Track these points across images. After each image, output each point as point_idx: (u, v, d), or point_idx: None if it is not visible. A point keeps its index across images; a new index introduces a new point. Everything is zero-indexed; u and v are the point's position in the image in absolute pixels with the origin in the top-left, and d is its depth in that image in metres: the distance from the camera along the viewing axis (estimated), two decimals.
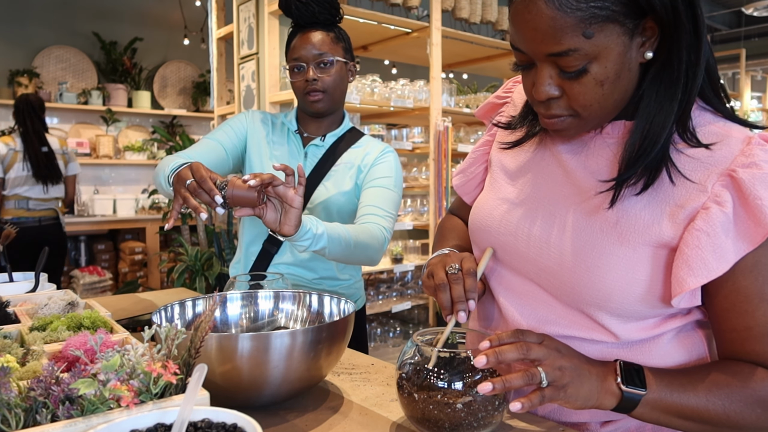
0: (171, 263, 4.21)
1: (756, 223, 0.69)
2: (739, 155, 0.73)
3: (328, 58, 1.48)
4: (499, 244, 0.90)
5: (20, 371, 0.79)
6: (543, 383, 0.70)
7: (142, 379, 0.68)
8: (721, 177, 0.72)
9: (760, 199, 0.69)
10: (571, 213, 0.82)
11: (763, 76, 9.76)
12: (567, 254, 0.80)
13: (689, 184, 0.74)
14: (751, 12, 6.64)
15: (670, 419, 0.74)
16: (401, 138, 3.71)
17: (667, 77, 0.73)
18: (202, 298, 1.06)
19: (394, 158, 1.58)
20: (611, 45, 0.70)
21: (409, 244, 3.79)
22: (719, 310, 0.75)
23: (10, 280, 1.45)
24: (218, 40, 3.76)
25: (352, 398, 0.95)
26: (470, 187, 1.06)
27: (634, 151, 0.76)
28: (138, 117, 5.93)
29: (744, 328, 0.73)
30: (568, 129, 0.79)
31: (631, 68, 0.73)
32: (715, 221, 0.71)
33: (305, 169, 1.54)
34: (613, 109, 0.77)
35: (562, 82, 0.74)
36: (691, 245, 0.71)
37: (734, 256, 0.71)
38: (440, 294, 0.86)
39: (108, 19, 5.70)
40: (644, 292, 0.75)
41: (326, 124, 1.59)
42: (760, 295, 0.72)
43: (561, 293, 0.82)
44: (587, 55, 0.70)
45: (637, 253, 0.75)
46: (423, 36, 3.38)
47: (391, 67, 7.03)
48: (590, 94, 0.73)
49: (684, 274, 0.71)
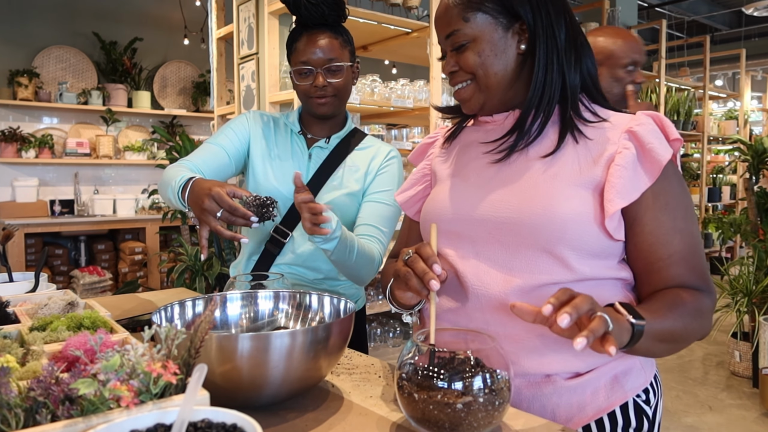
0: (171, 263, 4.21)
1: (652, 161, 0.93)
2: (630, 121, 0.97)
3: (338, 63, 1.47)
4: (456, 219, 1.03)
5: (20, 371, 0.79)
6: (610, 327, 0.76)
7: (142, 379, 0.68)
8: (623, 134, 0.96)
9: (652, 143, 0.93)
10: (512, 176, 1.00)
11: (763, 76, 9.76)
12: (523, 204, 0.95)
13: (601, 141, 0.97)
14: (751, 12, 6.64)
15: (655, 345, 0.88)
16: (401, 138, 3.71)
17: (538, 64, 0.98)
18: (202, 298, 1.06)
19: (398, 164, 1.58)
20: (485, 30, 0.99)
21: None
22: (646, 245, 0.95)
23: (10, 280, 1.45)
24: (218, 40, 3.76)
25: (352, 398, 0.95)
26: (412, 202, 1.20)
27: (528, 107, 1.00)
28: (138, 117, 5.93)
29: (667, 256, 0.94)
30: (471, 95, 1.03)
31: (507, 53, 0.99)
32: (628, 159, 0.93)
33: (310, 171, 1.54)
34: (497, 83, 1.00)
35: (456, 57, 1.02)
36: (616, 176, 0.92)
37: (642, 186, 0.93)
38: (410, 281, 0.90)
39: (108, 19, 5.69)
40: (591, 220, 0.92)
41: (330, 126, 1.59)
42: (673, 228, 0.94)
43: (522, 239, 0.95)
44: (466, 35, 0.99)
45: (580, 190, 0.94)
46: (423, 36, 3.38)
47: (391, 67, 7.03)
48: (471, 61, 1.00)
49: (613, 196, 0.91)
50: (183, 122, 6.16)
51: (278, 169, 1.54)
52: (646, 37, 9.27)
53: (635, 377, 1.00)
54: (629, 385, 0.99)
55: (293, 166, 1.54)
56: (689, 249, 0.95)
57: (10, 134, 4.96)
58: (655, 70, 5.93)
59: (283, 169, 1.54)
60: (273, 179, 1.53)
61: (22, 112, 5.28)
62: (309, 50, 1.46)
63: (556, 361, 0.95)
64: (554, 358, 0.95)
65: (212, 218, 1.14)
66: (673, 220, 0.94)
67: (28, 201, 5.08)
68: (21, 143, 5.00)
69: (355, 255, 1.34)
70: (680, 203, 0.96)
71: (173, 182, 1.29)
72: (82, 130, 5.55)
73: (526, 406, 0.97)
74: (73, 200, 5.33)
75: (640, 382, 1.01)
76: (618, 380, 0.98)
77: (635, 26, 6.46)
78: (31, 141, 5.06)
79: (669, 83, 6.22)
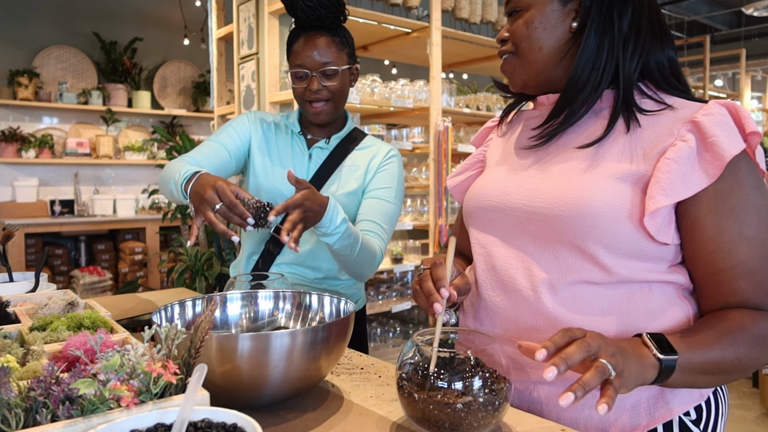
0: (171, 263, 4.21)
1: (714, 157, 0.82)
2: (699, 110, 0.87)
3: (333, 67, 1.45)
4: (494, 207, 0.99)
5: (20, 371, 0.79)
6: (612, 375, 0.70)
7: (142, 379, 0.68)
8: (686, 124, 0.86)
9: (717, 136, 0.82)
10: (553, 165, 0.95)
11: (763, 76, 9.76)
12: (555, 194, 0.90)
13: (658, 130, 0.88)
14: (751, 12, 6.64)
15: (695, 378, 0.80)
16: (401, 138, 3.71)
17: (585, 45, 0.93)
18: (202, 298, 1.06)
19: (398, 162, 1.58)
20: (540, 2, 0.95)
21: (409, 244, 3.79)
22: (706, 253, 0.85)
23: (10, 280, 1.45)
24: (218, 40, 3.76)
25: (352, 398, 0.95)
26: (463, 187, 1.16)
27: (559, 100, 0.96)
28: (138, 117, 5.93)
29: (729, 267, 0.83)
30: (512, 72, 1.01)
31: (557, 28, 0.95)
32: (683, 153, 0.83)
33: (310, 171, 1.54)
34: (541, 59, 0.96)
35: (509, 27, 1.00)
36: (663, 171, 0.83)
37: (698, 185, 0.83)
38: (418, 299, 0.90)
39: (108, 19, 5.69)
40: (626, 216, 0.84)
41: (330, 127, 1.59)
42: (739, 235, 0.83)
43: (552, 231, 0.90)
44: (520, 3, 0.97)
45: (619, 184, 0.86)
46: (423, 36, 3.38)
47: (391, 67, 7.02)
48: (519, 32, 0.97)
49: (656, 193, 0.83)
50: (183, 122, 6.15)
51: (279, 169, 1.54)
52: None
53: (686, 393, 0.90)
54: (676, 402, 0.89)
55: (294, 167, 1.55)
56: (757, 261, 0.83)
57: (10, 134, 4.96)
58: None
59: (284, 170, 1.54)
60: (273, 180, 1.53)
61: (22, 112, 5.28)
62: (305, 53, 1.45)
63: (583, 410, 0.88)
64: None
65: (209, 210, 1.14)
66: (739, 227, 0.83)
67: (28, 201, 5.08)
68: (21, 143, 5.00)
69: (357, 250, 1.34)
70: (751, 207, 0.83)
71: (177, 174, 1.29)
72: (82, 130, 5.55)
73: (555, 416, 0.91)
74: (73, 200, 5.33)
75: (691, 398, 0.90)
76: (664, 395, 0.89)
77: None
78: (31, 141, 5.06)
79: None
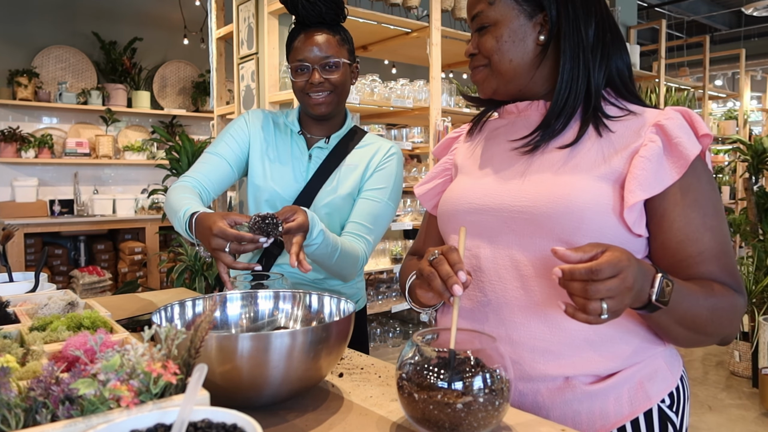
0: (171, 263, 4.21)
1: (679, 156, 0.91)
2: (659, 115, 0.96)
3: (334, 60, 1.46)
4: (474, 209, 1.02)
5: (20, 371, 0.79)
6: (603, 316, 0.76)
7: (142, 379, 0.68)
8: (651, 127, 0.94)
9: (680, 137, 0.91)
10: (530, 167, 1.00)
11: (763, 76, 9.75)
12: (541, 193, 0.94)
13: (627, 134, 0.96)
14: (751, 12, 6.64)
15: (670, 324, 0.88)
16: (401, 138, 3.71)
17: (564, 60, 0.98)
18: (202, 298, 1.06)
19: (397, 161, 1.57)
20: (507, 16, 0.99)
21: (408, 244, 3.79)
22: (674, 242, 0.92)
23: (10, 280, 1.45)
24: (218, 40, 3.75)
25: (352, 398, 0.95)
26: (431, 194, 1.20)
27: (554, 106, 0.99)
28: (138, 117, 5.93)
29: (697, 253, 0.91)
30: (484, 80, 1.05)
31: (526, 41, 1.00)
32: (653, 152, 0.91)
33: (309, 171, 1.53)
34: (511, 70, 1.01)
35: (477, 39, 1.03)
36: (639, 168, 0.90)
37: (667, 180, 0.91)
38: (433, 282, 0.88)
39: (108, 19, 5.69)
40: (610, 210, 0.90)
41: (329, 125, 1.58)
42: (704, 225, 0.92)
43: (538, 229, 0.93)
44: (488, 18, 1.00)
45: (599, 182, 0.92)
46: (423, 36, 3.38)
47: (390, 67, 7.02)
48: (489, 45, 1.01)
49: (634, 187, 0.89)
50: (183, 122, 6.15)
51: (278, 171, 1.54)
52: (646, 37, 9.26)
53: (661, 381, 0.96)
54: (654, 390, 0.95)
55: (294, 168, 1.54)
56: (720, 247, 0.92)
57: (9, 134, 4.96)
58: (655, 70, 5.93)
59: (283, 171, 1.53)
60: (271, 181, 1.53)
61: (22, 112, 5.28)
62: (306, 48, 1.45)
63: (575, 363, 0.92)
64: (573, 359, 0.92)
65: (224, 254, 1.17)
66: (702, 217, 0.92)
67: (27, 201, 5.07)
68: (21, 143, 5.00)
69: (336, 257, 1.35)
70: (710, 200, 0.93)
71: (179, 214, 1.31)
72: (82, 130, 5.55)
73: (545, 413, 0.94)
74: (72, 200, 5.33)
75: (665, 385, 0.97)
76: (642, 385, 0.94)
77: (635, 26, 6.47)
78: (30, 141, 5.05)
79: (669, 83, 6.22)
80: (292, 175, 1.54)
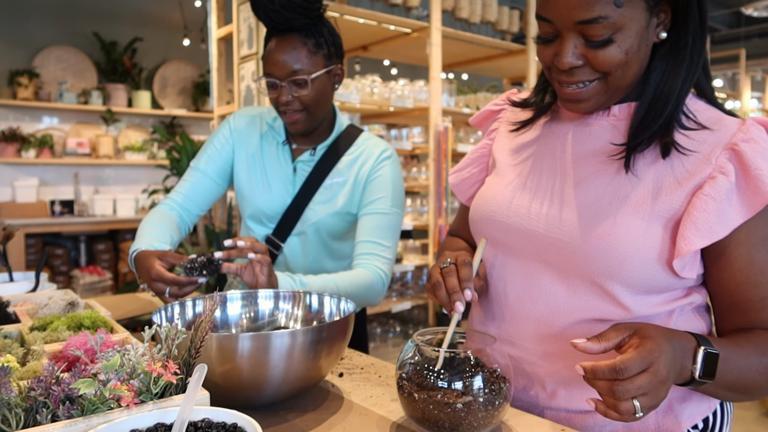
0: None
1: (756, 192, 0.76)
2: (737, 132, 0.79)
3: (303, 77, 1.32)
4: (505, 227, 0.92)
5: (20, 371, 0.79)
6: (638, 415, 0.67)
7: (142, 379, 0.68)
8: (724, 151, 0.79)
9: (760, 170, 0.76)
10: (577, 188, 0.86)
11: (763, 76, 9.75)
12: (578, 227, 0.83)
13: (694, 158, 0.80)
14: (750, 12, 6.64)
15: (716, 391, 0.78)
16: (401, 138, 3.71)
17: (674, 57, 0.82)
18: (202, 298, 1.07)
19: (391, 165, 1.46)
20: (636, 17, 0.77)
21: (408, 244, 3.79)
22: (733, 284, 0.80)
23: (10, 280, 1.45)
24: (218, 40, 3.75)
25: (352, 398, 0.95)
26: (466, 185, 1.08)
27: (642, 120, 0.83)
28: (138, 117, 5.93)
29: (759, 299, 0.79)
30: (591, 97, 0.83)
31: (648, 44, 0.80)
32: (721, 188, 0.77)
33: (295, 186, 1.46)
34: (630, 82, 0.82)
35: (586, 51, 0.80)
36: (699, 208, 0.77)
37: (735, 221, 0.77)
38: (438, 292, 0.85)
39: (108, 19, 5.69)
40: (655, 258, 0.79)
41: (314, 136, 1.47)
42: None
43: (572, 266, 0.84)
44: (614, 25, 0.76)
45: (648, 222, 0.80)
46: (423, 36, 3.38)
47: (390, 67, 7.03)
48: (615, 61, 0.78)
49: (690, 234, 0.76)
50: (183, 122, 6.16)
51: (262, 186, 1.48)
52: None
53: (695, 405, 0.87)
54: (685, 414, 0.86)
55: (278, 184, 1.47)
56: None
57: (10, 134, 4.96)
58: None
59: (267, 186, 1.47)
60: (256, 198, 1.48)
61: (22, 112, 5.28)
62: (272, 60, 1.33)
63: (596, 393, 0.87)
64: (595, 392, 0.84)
65: (166, 297, 1.21)
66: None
67: (28, 201, 5.08)
68: (21, 143, 5.00)
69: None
70: None
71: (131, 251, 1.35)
72: (82, 130, 5.55)
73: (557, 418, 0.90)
74: (73, 200, 5.33)
75: (699, 410, 0.88)
76: (672, 408, 0.86)
77: None
78: (31, 141, 5.06)
79: None
80: (277, 191, 1.47)
